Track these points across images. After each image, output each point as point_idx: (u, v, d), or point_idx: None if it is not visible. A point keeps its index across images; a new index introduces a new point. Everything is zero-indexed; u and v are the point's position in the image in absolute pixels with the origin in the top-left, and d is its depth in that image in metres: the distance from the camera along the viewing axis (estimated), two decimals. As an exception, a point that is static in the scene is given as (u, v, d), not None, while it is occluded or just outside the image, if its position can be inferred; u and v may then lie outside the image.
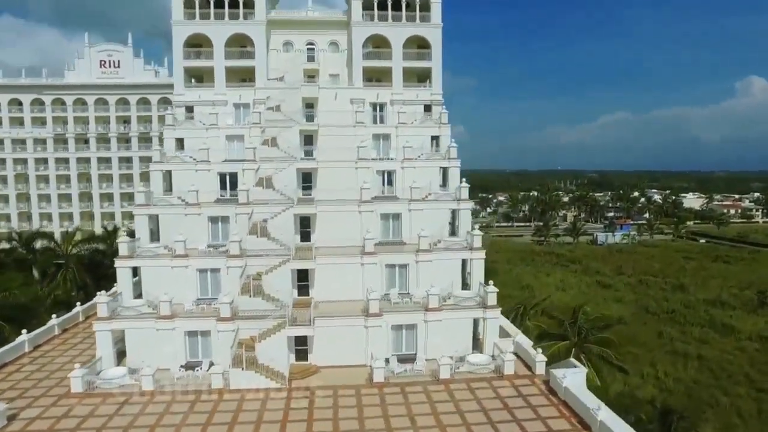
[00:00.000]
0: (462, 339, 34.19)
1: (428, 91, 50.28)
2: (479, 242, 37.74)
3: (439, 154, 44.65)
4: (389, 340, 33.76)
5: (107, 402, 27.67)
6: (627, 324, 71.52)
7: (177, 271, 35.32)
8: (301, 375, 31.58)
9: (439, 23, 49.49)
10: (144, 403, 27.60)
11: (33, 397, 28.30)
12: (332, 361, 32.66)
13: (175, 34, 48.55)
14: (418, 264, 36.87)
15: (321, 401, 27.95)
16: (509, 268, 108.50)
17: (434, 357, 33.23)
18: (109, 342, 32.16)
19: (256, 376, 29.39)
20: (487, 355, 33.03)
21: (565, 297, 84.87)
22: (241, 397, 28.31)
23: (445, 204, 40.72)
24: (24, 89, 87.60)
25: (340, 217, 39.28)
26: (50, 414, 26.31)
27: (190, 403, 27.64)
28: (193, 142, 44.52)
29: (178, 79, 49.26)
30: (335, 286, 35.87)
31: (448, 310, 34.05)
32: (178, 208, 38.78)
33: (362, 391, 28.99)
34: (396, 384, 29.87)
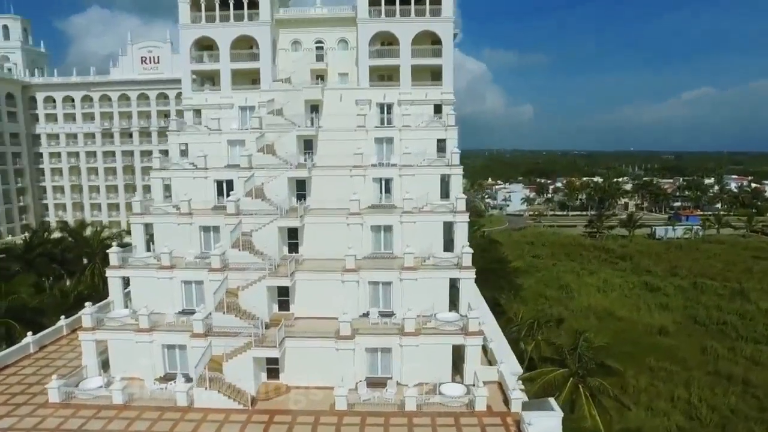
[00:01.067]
0: (440, 366, 32.33)
1: (438, 90, 47.61)
2: (469, 260, 35.31)
3: (442, 161, 42.16)
4: (364, 362, 32.66)
5: (78, 414, 28.81)
6: (668, 335, 66.06)
7: (163, 282, 35.92)
8: (270, 395, 31.39)
9: (450, 17, 46.42)
10: (110, 417, 28.47)
11: (16, 404, 30.04)
12: (303, 381, 32.11)
13: (182, 37, 48.81)
14: (402, 282, 35.23)
15: (276, 427, 27.51)
16: (552, 264, 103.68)
17: (410, 383, 31.93)
18: (93, 351, 33.45)
19: (219, 396, 29.42)
20: (464, 386, 31.09)
21: (604, 300, 79.66)
22: (202, 417, 28.48)
23: (440, 216, 38.50)
24: (75, 87, 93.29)
25: (328, 229, 38.27)
26: (22, 425, 27.78)
27: (152, 421, 28.16)
28: (196, 148, 44.91)
29: (185, 83, 49.72)
30: (316, 303, 35.05)
31: (425, 334, 32.30)
32: (171, 217, 39.36)
33: (321, 419, 28.21)
34: (358, 413, 28.78)
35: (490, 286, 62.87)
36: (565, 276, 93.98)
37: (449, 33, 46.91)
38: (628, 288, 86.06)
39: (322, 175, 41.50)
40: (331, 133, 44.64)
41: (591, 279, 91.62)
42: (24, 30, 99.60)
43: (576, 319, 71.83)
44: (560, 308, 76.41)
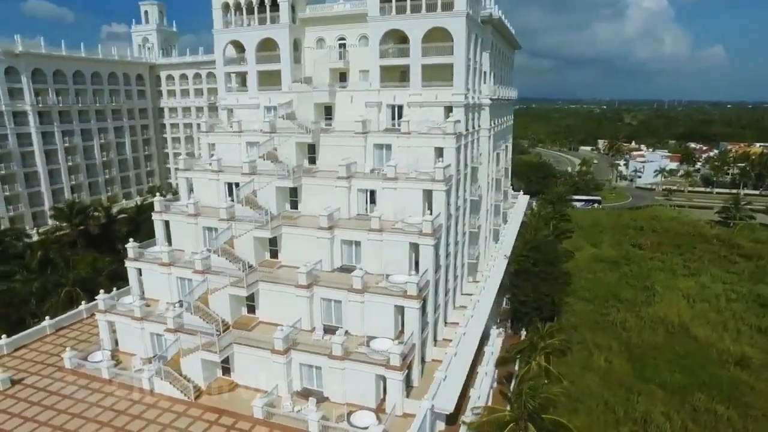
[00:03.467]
0: (366, 392, 33.37)
1: (449, 91, 44.94)
2: (414, 290, 34.60)
3: (426, 174, 40.61)
4: (299, 375, 35.16)
5: (76, 382, 36.70)
6: (746, 368, 56.05)
7: (164, 276, 42.10)
8: (221, 390, 35.91)
9: (463, 10, 42.86)
10: (93, 388, 35.73)
11: (43, 364, 39.19)
12: (249, 382, 35.87)
13: (216, 41, 52.77)
14: (349, 303, 36.26)
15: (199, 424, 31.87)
16: (650, 258, 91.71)
17: (338, 402, 33.84)
18: (106, 329, 41.39)
19: (169, 386, 34.81)
20: (375, 416, 31.85)
21: (687, 311, 69.27)
22: (155, 401, 34.23)
23: (405, 237, 37.86)
24: (188, 66, 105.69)
25: (302, 240, 40.32)
26: (41, 384, 36.46)
27: (119, 399, 34.67)
28: (222, 148, 49.63)
29: (220, 84, 54.16)
30: (276, 311, 38.13)
31: (350, 360, 33.34)
32: (182, 216, 45.02)
33: (237, 425, 31.83)
34: (271, 424, 31.73)
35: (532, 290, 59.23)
36: (657, 274, 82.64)
37: (461, 28, 43.38)
38: (728, 299, 72.79)
39: (310, 184, 43.21)
40: (331, 138, 45.72)
41: (685, 282, 79.20)
42: (160, 13, 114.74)
43: (641, 332, 64.46)
44: (628, 315, 68.83)
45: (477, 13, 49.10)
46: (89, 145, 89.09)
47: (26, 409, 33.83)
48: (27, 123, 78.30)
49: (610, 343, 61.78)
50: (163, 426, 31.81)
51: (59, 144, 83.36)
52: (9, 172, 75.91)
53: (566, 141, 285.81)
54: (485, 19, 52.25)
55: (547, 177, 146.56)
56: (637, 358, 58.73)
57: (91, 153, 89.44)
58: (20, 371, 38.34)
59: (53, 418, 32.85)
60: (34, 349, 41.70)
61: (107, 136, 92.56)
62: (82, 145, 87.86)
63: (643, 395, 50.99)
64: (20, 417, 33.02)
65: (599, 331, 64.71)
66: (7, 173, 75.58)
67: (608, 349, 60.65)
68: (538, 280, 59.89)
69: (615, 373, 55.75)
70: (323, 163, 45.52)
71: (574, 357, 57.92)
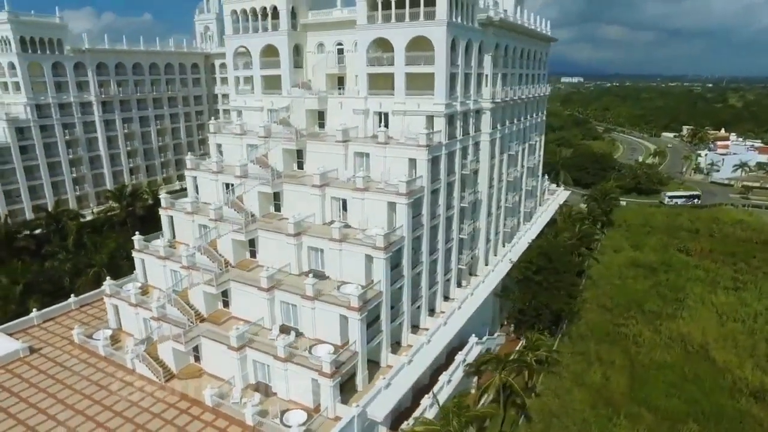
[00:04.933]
0: (305, 392, 35.92)
1: (430, 100, 45.12)
2: (356, 302, 36.30)
3: (392, 186, 41.56)
4: (253, 369, 38.50)
5: (80, 356, 42.88)
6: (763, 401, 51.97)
7: (160, 267, 47.09)
8: (192, 374, 40.35)
9: (443, 20, 42.65)
10: (90, 363, 41.63)
11: (60, 337, 45.91)
12: (215, 371, 39.94)
13: (227, 46, 56.27)
14: (303, 308, 38.75)
15: (159, 405, 36.41)
16: (694, 265, 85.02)
17: (283, 398, 36.92)
18: (112, 311, 47.37)
19: (145, 369, 39.76)
20: (307, 416, 34.46)
21: (716, 330, 64.32)
22: (133, 380, 39.41)
23: (360, 249, 39.43)
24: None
25: (273, 245, 43.23)
26: (52, 355, 43.09)
27: (106, 374, 40.22)
28: (228, 149, 53.59)
29: (231, 86, 57.79)
30: (245, 309, 41.64)
31: (292, 363, 35.96)
32: (182, 213, 49.65)
33: (190, 410, 35.94)
34: (218, 412, 35.46)
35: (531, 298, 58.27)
36: (694, 286, 76.54)
37: (442, 37, 43.12)
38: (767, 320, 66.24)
39: (290, 190, 45.77)
40: (317, 145, 47.78)
41: (724, 297, 72.64)
42: (218, 1, 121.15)
43: (653, 348, 60.98)
44: (645, 328, 65.21)
45: (470, 18, 48.06)
46: (146, 131, 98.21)
47: (35, 376, 40.42)
48: (92, 112, 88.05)
49: (615, 357, 59.31)
50: (132, 403, 36.79)
51: (119, 131, 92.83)
52: (76, 157, 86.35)
53: (649, 126, 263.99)
54: (484, 22, 50.93)
55: (606, 169, 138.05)
56: (639, 376, 56.12)
57: (149, 138, 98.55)
58: (41, 341, 45.39)
59: (51, 386, 39.04)
60: (59, 323, 48.80)
61: (163, 122, 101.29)
62: (140, 131, 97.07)
63: (629, 418, 49.12)
64: (27, 382, 39.58)
65: (607, 344, 62.12)
66: (74, 157, 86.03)
67: (610, 363, 58.31)
68: (539, 289, 58.66)
69: (609, 390, 53.83)
70: (310, 168, 47.79)
71: (571, 369, 56.67)
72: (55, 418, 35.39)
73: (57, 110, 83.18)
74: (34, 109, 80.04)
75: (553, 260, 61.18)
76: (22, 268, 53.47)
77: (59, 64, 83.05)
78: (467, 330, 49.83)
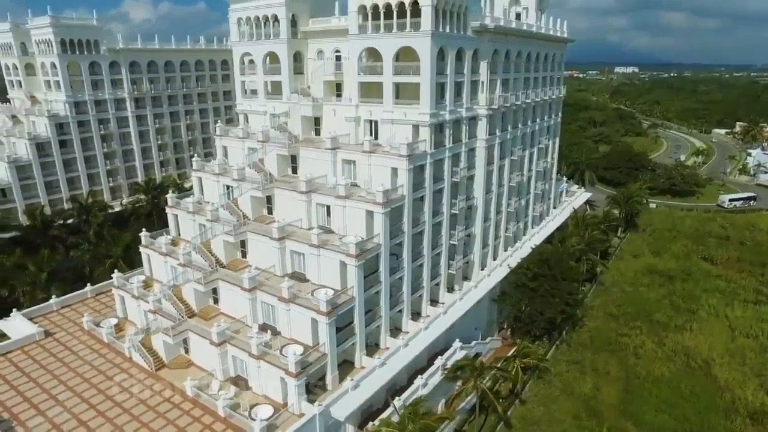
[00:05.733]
0: (275, 389, 38.25)
1: (416, 110, 46.02)
2: (325, 307, 38.09)
3: (371, 195, 42.93)
4: (233, 364, 41.25)
5: (88, 341, 47.11)
6: (760, 423, 50.52)
7: (162, 263, 50.64)
8: (176, 365, 43.57)
9: (427, 30, 43.37)
10: (93, 349, 45.73)
11: (74, 323, 50.41)
12: (201, 363, 43.02)
13: (234, 52, 58.82)
14: (280, 309, 41.02)
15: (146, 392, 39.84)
16: (717, 275, 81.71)
17: (257, 392, 39.50)
18: (120, 301, 51.42)
19: (140, 357, 43.33)
20: (273, 411, 36.82)
21: (725, 345, 62.15)
22: (128, 367, 43.10)
23: (335, 255, 41.15)
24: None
25: (261, 247, 45.68)
26: (64, 339, 47.57)
27: (106, 360, 44.12)
28: (232, 151, 56.44)
29: (238, 90, 60.36)
30: (232, 306, 44.45)
31: (264, 360, 38.34)
32: (185, 212, 52.92)
33: (173, 398, 39.11)
34: (196, 402, 38.42)
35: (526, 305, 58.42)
36: (710, 297, 73.60)
37: (426, 48, 43.77)
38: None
39: (280, 195, 48.03)
40: (308, 152, 49.71)
41: (741, 310, 69.50)
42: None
43: (653, 361, 59.69)
44: (649, 339, 63.72)
45: (462, 27, 48.23)
46: (176, 126, 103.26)
47: (46, 358, 44.91)
48: (125, 108, 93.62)
49: (611, 368, 58.63)
50: (123, 389, 40.39)
51: (151, 125, 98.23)
52: (110, 150, 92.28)
53: (700, 121, 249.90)
54: (479, 29, 50.90)
55: (640, 168, 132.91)
56: (632, 389, 55.34)
57: (179, 132, 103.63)
58: (56, 326, 50.07)
59: (58, 368, 43.34)
60: (75, 309, 53.46)
61: (193, 117, 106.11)
62: (171, 126, 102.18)
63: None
64: (39, 364, 44.08)
65: (605, 353, 61.35)
66: (108, 151, 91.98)
67: (605, 374, 57.75)
68: (534, 295, 58.63)
69: (597, 402, 53.50)
70: (303, 173, 49.76)
71: (563, 378, 56.64)
72: (56, 398, 39.48)
73: (93, 107, 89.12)
74: (72, 106, 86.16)
75: (552, 267, 60.81)
76: (48, 257, 58.67)
77: (96, 63, 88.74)
78: (458, 334, 50.95)
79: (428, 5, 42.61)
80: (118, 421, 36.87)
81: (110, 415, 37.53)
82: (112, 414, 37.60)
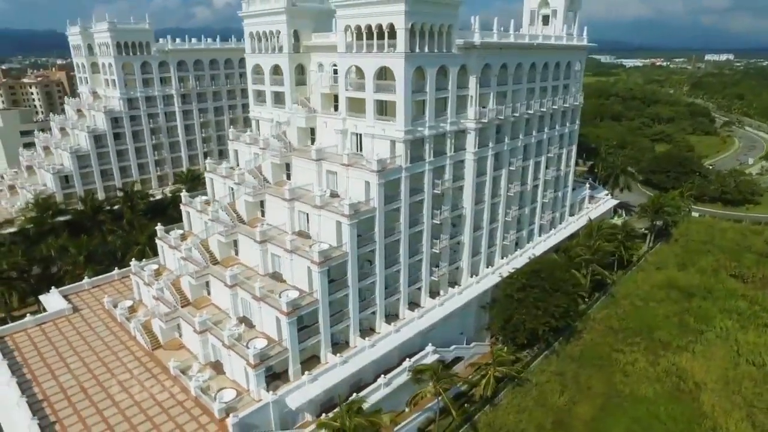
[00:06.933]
0: (241, 376, 43.32)
1: (393, 126, 48.75)
2: (286, 307, 42.30)
3: (342, 206, 46.28)
4: (212, 350, 46.74)
5: (105, 320, 54.76)
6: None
7: (172, 255, 57.15)
8: (170, 347, 49.83)
9: (401, 52, 45.90)
10: (107, 326, 53.20)
11: (99, 302, 58.39)
12: (190, 347, 49.03)
13: (247, 63, 63.75)
14: (253, 305, 45.87)
15: (139, 368, 46.38)
16: (742, 294, 77.69)
17: (229, 377, 44.82)
18: (137, 285, 58.72)
19: (142, 337, 50.07)
20: (236, 394, 41.86)
21: (719, 373, 60.11)
22: (131, 345, 50.04)
23: (304, 261, 45.17)
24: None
25: (249, 247, 50.69)
26: (87, 316, 55.57)
27: (116, 337, 51.33)
28: (242, 155, 61.87)
29: (250, 97, 65.34)
30: (221, 299, 49.98)
31: (232, 350, 43.30)
32: (194, 210, 59.06)
33: (159, 375, 45.32)
34: (177, 381, 44.34)
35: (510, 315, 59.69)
36: (724, 318, 70.28)
37: (401, 68, 46.22)
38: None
39: (269, 200, 52.69)
40: (298, 161, 53.88)
41: (754, 336, 65.54)
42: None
43: (640, 380, 59.01)
44: (643, 358, 62.74)
45: (445, 45, 49.85)
46: (220, 120, 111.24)
47: (69, 331, 52.94)
48: (173, 104, 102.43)
49: (594, 383, 58.82)
50: (122, 363, 47.27)
51: (196, 119, 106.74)
52: (158, 142, 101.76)
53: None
54: (466, 46, 52.12)
55: (689, 173, 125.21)
56: (609, 408, 55.46)
57: (222, 126, 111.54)
58: (84, 304, 58.24)
59: (76, 340, 51.11)
60: (102, 290, 61.64)
61: (236, 111, 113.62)
62: (214, 120, 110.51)
63: (574, 448, 49.92)
64: (63, 336, 52.13)
65: (593, 368, 61.40)
66: (156, 142, 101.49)
67: (587, 389, 58.17)
68: (520, 306, 59.64)
69: (570, 416, 54.35)
70: (294, 181, 54.14)
71: (542, 388, 57.74)
72: (68, 366, 47.07)
73: (144, 103, 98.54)
74: (125, 102, 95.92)
75: (543, 278, 61.41)
76: (86, 241, 67.59)
77: (147, 63, 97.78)
78: (440, 338, 53.94)
79: (402, 28, 44.86)
80: (112, 391, 43.61)
81: (107, 384, 44.40)
82: (108, 384, 44.46)
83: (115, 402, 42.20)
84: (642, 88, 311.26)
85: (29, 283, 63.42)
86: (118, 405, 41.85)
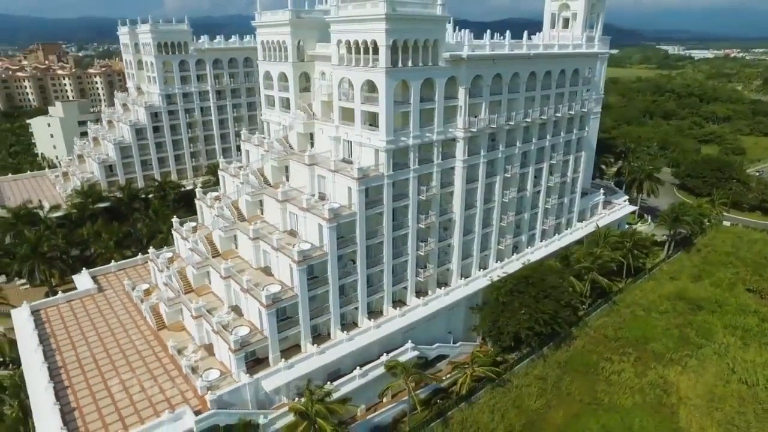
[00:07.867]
0: (226, 359, 48.48)
1: (377, 135, 51.90)
2: (265, 300, 46.78)
3: (326, 211, 50.01)
4: (206, 334, 52.19)
5: (124, 300, 61.75)
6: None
7: (185, 246, 63.20)
8: (174, 328, 55.85)
9: (382, 67, 48.84)
10: (125, 306, 60.05)
11: (121, 284, 65.57)
12: (190, 330, 54.80)
13: (259, 69, 68.38)
14: (242, 296, 50.79)
15: (142, 343, 52.70)
16: (755, 310, 75.55)
17: (218, 360, 50.12)
18: (154, 270, 65.36)
19: (150, 318, 56.41)
20: (219, 374, 47.03)
21: (705, 390, 59.70)
22: (141, 324, 56.56)
23: (286, 259, 49.45)
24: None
25: (245, 243, 55.65)
26: (110, 296, 62.86)
27: (130, 317, 58.11)
28: (252, 155, 67.04)
29: (262, 102, 70.05)
30: (218, 288, 55.37)
31: (219, 335, 48.49)
32: (205, 205, 64.77)
33: (160, 353, 51.37)
34: (174, 360, 50.12)
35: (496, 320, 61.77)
36: (727, 334, 68.49)
37: (382, 83, 49.13)
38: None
39: (267, 201, 57.35)
40: (295, 165, 58.16)
41: (755, 354, 63.66)
42: None
43: (622, 392, 59.56)
44: (631, 368, 63.14)
45: (431, 58, 52.12)
46: (252, 115, 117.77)
47: (92, 308, 60.24)
48: (208, 99, 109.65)
49: (574, 390, 60.03)
50: (130, 340, 53.78)
51: (229, 114, 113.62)
52: (193, 135, 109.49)
53: None
54: (454, 59, 54.02)
55: (727, 179, 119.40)
56: (583, 415, 56.73)
57: (254, 120, 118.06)
58: (109, 285, 65.60)
59: (96, 316, 58.26)
60: (126, 273, 68.84)
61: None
62: (247, 114, 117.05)
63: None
64: (87, 312, 59.47)
65: (577, 374, 62.45)
66: (192, 136, 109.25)
67: (566, 395, 59.58)
68: (505, 310, 61.52)
69: (542, 420, 56.10)
70: (292, 183, 58.52)
71: (521, 391, 59.71)
72: (86, 339, 54.09)
73: (181, 98, 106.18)
74: (164, 98, 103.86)
75: (533, 284, 62.86)
76: (117, 228, 75.38)
77: (184, 61, 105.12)
78: (424, 335, 57.33)
79: (383, 45, 47.68)
80: (118, 363, 50.01)
81: (115, 358, 50.90)
82: (116, 357, 50.94)
83: (119, 373, 48.49)
84: (702, 84, 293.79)
85: (68, 263, 71.84)
86: (120, 376, 48.11)
